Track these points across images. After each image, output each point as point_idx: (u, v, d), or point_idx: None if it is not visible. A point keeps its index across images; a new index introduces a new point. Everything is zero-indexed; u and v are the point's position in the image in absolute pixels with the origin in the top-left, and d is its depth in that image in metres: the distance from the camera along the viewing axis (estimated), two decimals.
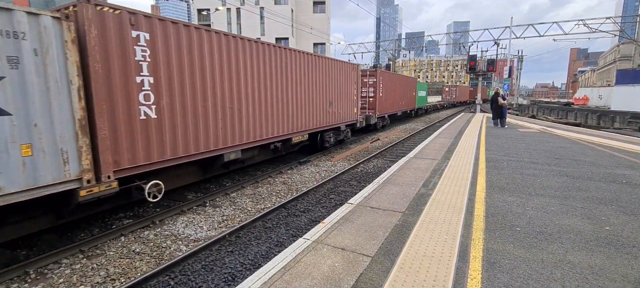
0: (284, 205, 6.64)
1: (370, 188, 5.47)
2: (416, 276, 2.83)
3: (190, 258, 4.58)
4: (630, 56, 50.98)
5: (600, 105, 36.16)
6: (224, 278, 4.15)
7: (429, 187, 5.50)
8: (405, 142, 15.30)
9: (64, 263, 4.46)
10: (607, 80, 57.74)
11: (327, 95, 11.19)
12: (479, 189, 5.34)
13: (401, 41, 55.05)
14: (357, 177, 8.93)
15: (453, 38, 39.59)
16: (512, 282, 2.74)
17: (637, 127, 22.08)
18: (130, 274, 4.26)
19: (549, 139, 11.44)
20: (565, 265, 2.99)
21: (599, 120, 27.09)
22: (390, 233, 3.70)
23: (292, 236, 5.31)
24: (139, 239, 5.20)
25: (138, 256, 4.70)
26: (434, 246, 3.38)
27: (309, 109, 10.19)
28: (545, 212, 4.30)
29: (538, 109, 39.91)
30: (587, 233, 3.67)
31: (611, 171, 6.57)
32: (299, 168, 10.02)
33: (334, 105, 11.70)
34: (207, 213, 6.26)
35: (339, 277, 2.84)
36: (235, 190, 7.69)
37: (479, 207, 4.52)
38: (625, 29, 29.61)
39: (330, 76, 11.35)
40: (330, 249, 3.36)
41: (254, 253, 4.78)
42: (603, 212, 4.29)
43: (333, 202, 6.89)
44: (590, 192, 5.20)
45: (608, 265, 3.00)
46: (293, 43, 44.40)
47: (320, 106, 10.81)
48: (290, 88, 9.13)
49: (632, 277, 2.78)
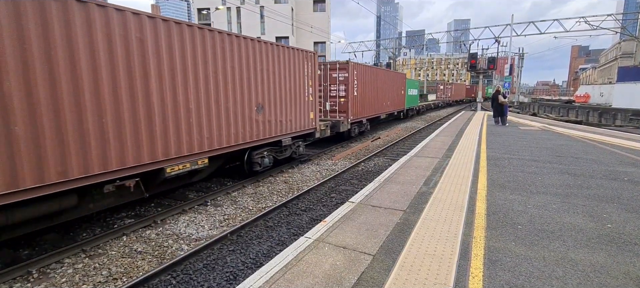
0: (285, 204, 6.65)
1: (371, 187, 5.47)
2: (418, 274, 2.83)
3: (192, 258, 4.59)
4: (631, 53, 50.78)
5: (602, 103, 36.07)
6: (226, 277, 4.16)
7: (430, 186, 5.50)
8: (406, 140, 15.29)
9: (67, 263, 4.48)
10: (609, 78, 57.57)
11: (254, 96, 7.52)
12: (480, 187, 5.33)
13: (401, 39, 54.95)
14: (358, 176, 8.93)
15: (454, 36, 39.50)
16: (513, 279, 2.74)
17: (638, 125, 22.02)
18: (133, 273, 4.27)
19: (550, 136, 11.42)
20: (567, 263, 2.99)
21: (601, 117, 27.02)
22: (392, 232, 3.70)
23: (293, 235, 5.32)
24: (140, 238, 5.22)
25: (140, 255, 4.72)
26: (435, 244, 3.38)
27: (215, 116, 6.50)
28: (546, 210, 4.29)
29: (539, 106, 39.83)
30: (588, 231, 3.67)
31: (613, 168, 6.55)
32: (300, 167, 10.02)
33: (268, 111, 8.07)
34: (209, 213, 6.27)
35: (341, 276, 2.84)
36: (237, 190, 7.69)
37: (481, 205, 4.52)
38: (626, 26, 29.49)
39: (262, 67, 7.70)
40: (331, 248, 3.37)
41: (256, 252, 4.79)
42: (605, 210, 4.29)
43: (334, 201, 6.90)
44: (592, 189, 5.19)
45: (610, 262, 2.99)
46: (293, 42, 44.37)
47: (243, 112, 7.22)
48: (164, 85, 5.44)
49: (634, 275, 2.78)
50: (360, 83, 14.25)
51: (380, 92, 17.07)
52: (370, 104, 15.65)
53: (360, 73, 14.15)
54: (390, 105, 19.07)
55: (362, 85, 14.48)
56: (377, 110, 16.75)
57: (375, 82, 16.17)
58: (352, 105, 13.43)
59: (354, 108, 13.66)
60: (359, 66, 14.35)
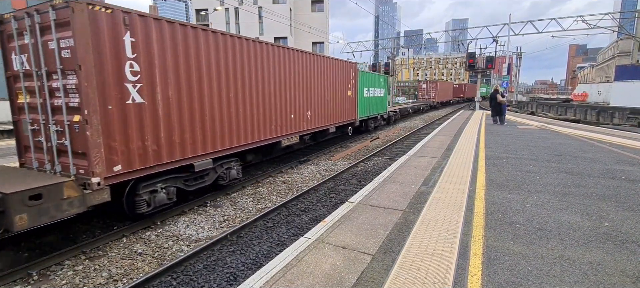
0: (285, 204, 6.66)
1: (370, 187, 5.49)
2: (417, 273, 2.85)
3: (192, 259, 4.60)
4: (629, 52, 50.96)
5: (600, 102, 36.20)
6: (226, 278, 4.17)
7: (429, 185, 5.52)
8: (405, 140, 15.33)
9: (67, 265, 4.48)
10: (606, 76, 57.75)
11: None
12: (478, 186, 5.36)
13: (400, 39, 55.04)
14: (357, 176, 8.95)
15: (452, 36, 39.56)
16: (512, 278, 2.76)
17: (636, 123, 22.12)
18: (133, 275, 4.28)
19: (548, 135, 11.47)
20: (565, 261, 3.02)
21: (598, 116, 27.12)
22: (391, 232, 3.72)
23: (293, 235, 5.33)
24: (140, 240, 5.22)
25: (140, 257, 4.72)
26: (434, 244, 3.40)
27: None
28: (544, 209, 4.32)
29: (537, 105, 39.94)
30: (586, 229, 3.70)
31: (610, 167, 6.59)
32: (299, 167, 10.03)
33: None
34: (208, 214, 6.28)
35: (341, 276, 2.86)
36: (236, 190, 7.70)
37: (479, 204, 4.54)
38: (624, 25, 29.61)
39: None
40: (331, 248, 3.38)
41: (256, 252, 4.80)
42: (602, 208, 4.32)
43: (334, 201, 6.91)
44: (590, 188, 5.22)
45: (607, 260, 3.02)
46: (292, 42, 44.39)
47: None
48: None
49: (631, 272, 2.81)
50: (156, 66, 5.29)
51: (278, 92, 8.68)
52: (215, 123, 6.59)
53: (148, 33, 5.11)
54: (315, 117, 10.80)
55: (169, 74, 5.53)
56: (247, 134, 7.52)
57: (242, 70, 7.25)
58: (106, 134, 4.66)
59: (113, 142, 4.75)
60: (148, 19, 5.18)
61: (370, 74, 17.30)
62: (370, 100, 16.38)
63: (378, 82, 17.80)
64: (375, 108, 17.35)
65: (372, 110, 16.73)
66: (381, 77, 18.97)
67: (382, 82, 18.51)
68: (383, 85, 18.63)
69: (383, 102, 18.74)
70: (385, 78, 19.54)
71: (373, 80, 16.97)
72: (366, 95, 15.79)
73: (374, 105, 17.03)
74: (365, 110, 15.77)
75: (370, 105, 16.42)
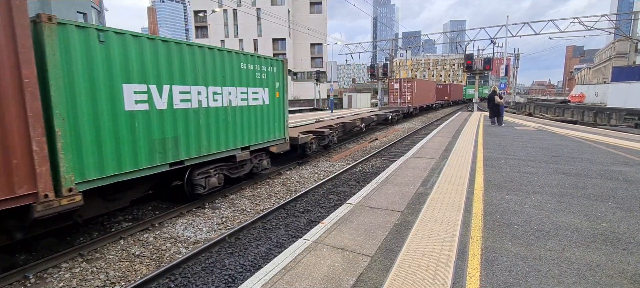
0: (283, 206, 6.65)
1: (369, 188, 5.49)
2: (415, 275, 2.85)
3: (190, 261, 4.58)
4: (625, 53, 51.27)
5: (597, 103, 36.41)
6: (224, 280, 4.16)
7: (427, 186, 5.53)
8: (403, 141, 15.35)
9: (64, 267, 4.45)
10: (603, 78, 58.08)
11: None
12: (477, 188, 5.37)
13: (398, 41, 55.20)
14: (355, 177, 8.95)
15: (449, 37, 39.67)
16: (510, 279, 2.77)
17: (633, 124, 22.24)
18: (130, 277, 4.26)
19: (546, 136, 11.51)
20: (563, 262, 3.02)
21: (595, 117, 27.25)
22: (390, 233, 3.72)
23: (291, 237, 5.32)
24: (138, 242, 5.20)
25: (138, 259, 4.70)
26: (433, 245, 3.40)
27: None
28: (542, 210, 4.33)
29: (535, 106, 40.12)
30: (584, 230, 3.71)
31: (608, 168, 6.62)
32: (298, 168, 10.03)
33: None
34: (206, 215, 6.26)
35: (339, 277, 2.85)
36: (234, 192, 7.69)
37: (477, 205, 4.55)
38: (620, 26, 29.80)
39: None
40: (330, 249, 3.38)
41: (254, 254, 4.79)
42: (600, 209, 4.33)
43: (332, 202, 6.91)
44: (587, 189, 5.24)
45: (605, 261, 3.03)
46: (290, 44, 44.40)
47: None
48: None
49: (629, 273, 2.81)
50: None
51: None
52: None
53: None
54: None
55: None
56: None
57: None
58: None
59: None
60: None
61: (251, 55, 7.15)
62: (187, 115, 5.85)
63: (263, 80, 7.49)
64: (219, 135, 6.58)
65: (252, 137, 7.42)
66: (272, 61, 7.80)
67: (272, 73, 7.77)
68: (279, 79, 8.09)
69: (279, 113, 8.28)
70: (276, 61, 7.96)
71: (242, 61, 6.85)
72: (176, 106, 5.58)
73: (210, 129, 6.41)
74: (241, 138, 7.04)
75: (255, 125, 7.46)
